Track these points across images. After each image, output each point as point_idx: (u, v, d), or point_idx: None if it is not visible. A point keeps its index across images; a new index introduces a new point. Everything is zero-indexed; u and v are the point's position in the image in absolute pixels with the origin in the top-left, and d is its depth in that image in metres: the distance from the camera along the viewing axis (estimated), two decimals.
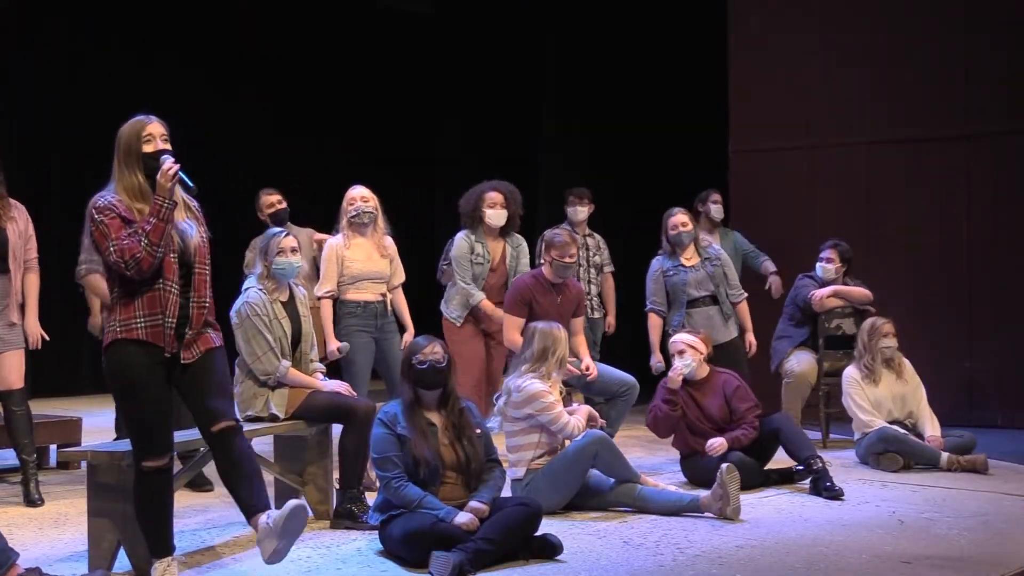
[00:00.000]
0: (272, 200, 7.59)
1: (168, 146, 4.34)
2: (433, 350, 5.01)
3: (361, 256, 6.49)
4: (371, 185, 6.69)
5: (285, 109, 12.80)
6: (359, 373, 6.37)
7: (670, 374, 6.33)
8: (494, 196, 7.06)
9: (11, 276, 6.06)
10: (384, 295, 6.52)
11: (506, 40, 13.01)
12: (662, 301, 7.41)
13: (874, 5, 9.62)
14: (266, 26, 12.77)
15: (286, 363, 5.51)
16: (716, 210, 8.74)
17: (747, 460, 6.15)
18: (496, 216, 7.05)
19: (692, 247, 7.44)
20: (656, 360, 7.35)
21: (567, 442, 5.73)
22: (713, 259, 7.48)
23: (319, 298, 6.47)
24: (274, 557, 4.09)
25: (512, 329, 6.53)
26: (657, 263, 7.49)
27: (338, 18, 13.18)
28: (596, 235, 8.39)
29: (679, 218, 7.45)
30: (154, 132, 4.34)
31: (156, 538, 4.34)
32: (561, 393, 5.90)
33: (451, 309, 7.12)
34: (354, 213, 6.48)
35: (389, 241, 6.62)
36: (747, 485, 5.94)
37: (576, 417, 5.69)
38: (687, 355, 6.39)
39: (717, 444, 6.16)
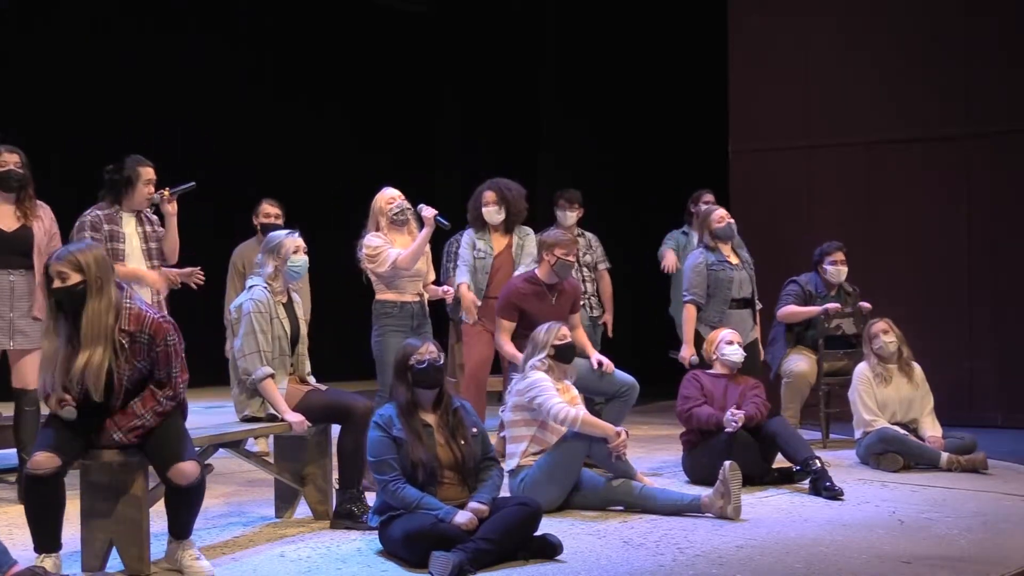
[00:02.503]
0: (272, 212, 7.59)
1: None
2: (428, 349, 5.03)
3: None
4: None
5: (283, 109, 12.79)
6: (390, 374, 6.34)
7: (735, 421, 6.16)
8: (487, 195, 7.19)
9: (36, 272, 6.11)
10: (420, 295, 6.49)
11: (506, 40, 13.02)
12: (703, 293, 7.32)
13: (874, 5, 9.62)
14: (265, 25, 12.77)
15: (267, 370, 5.46)
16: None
17: (749, 440, 6.22)
18: (491, 214, 7.15)
19: (729, 245, 7.46)
20: (690, 353, 7.29)
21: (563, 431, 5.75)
22: (749, 262, 7.52)
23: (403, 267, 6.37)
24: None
25: (502, 332, 6.55)
26: (700, 255, 7.39)
27: (337, 17, 13.18)
28: (587, 233, 8.29)
29: (723, 211, 7.51)
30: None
31: (35, 534, 4.45)
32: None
33: (462, 311, 7.14)
34: (397, 210, 6.44)
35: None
36: (750, 473, 5.99)
37: (577, 408, 5.73)
38: (740, 347, 6.57)
39: (739, 416, 6.17)
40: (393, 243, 6.41)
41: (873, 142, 9.50)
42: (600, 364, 6.62)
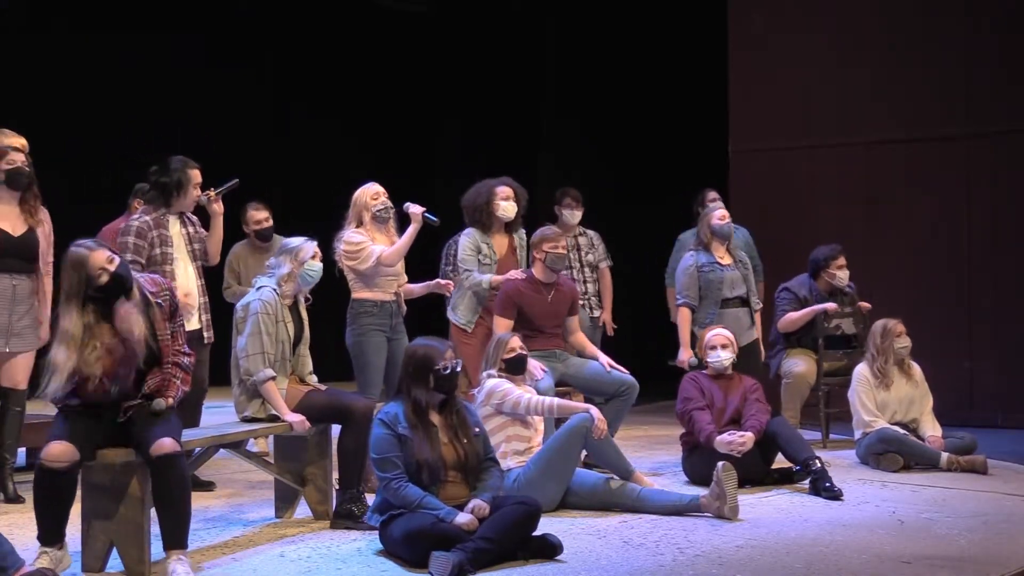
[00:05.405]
0: (259, 217, 7.60)
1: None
2: (450, 356, 5.03)
3: None
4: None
5: (283, 109, 12.79)
6: (373, 373, 6.32)
7: (737, 442, 6.11)
8: (505, 190, 7.05)
9: (38, 277, 6.08)
10: (397, 294, 6.49)
11: (505, 41, 13.02)
12: (695, 296, 7.33)
13: (874, 5, 9.62)
14: (265, 25, 12.78)
15: (270, 372, 5.46)
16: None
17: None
18: (508, 208, 7.01)
19: (724, 247, 7.46)
20: (688, 355, 7.29)
21: (539, 424, 5.81)
22: (744, 262, 7.51)
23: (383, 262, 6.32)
24: None
25: (501, 330, 6.55)
26: (691, 258, 7.41)
27: (337, 17, 13.19)
28: (588, 232, 8.22)
29: (724, 211, 7.53)
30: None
31: (42, 527, 4.44)
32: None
33: (459, 315, 7.00)
34: (381, 207, 6.43)
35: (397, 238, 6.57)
36: (750, 474, 5.99)
37: (537, 396, 5.80)
38: (728, 350, 6.51)
39: (747, 438, 6.12)
40: (374, 240, 6.37)
41: (873, 142, 9.51)
42: (610, 366, 6.64)
